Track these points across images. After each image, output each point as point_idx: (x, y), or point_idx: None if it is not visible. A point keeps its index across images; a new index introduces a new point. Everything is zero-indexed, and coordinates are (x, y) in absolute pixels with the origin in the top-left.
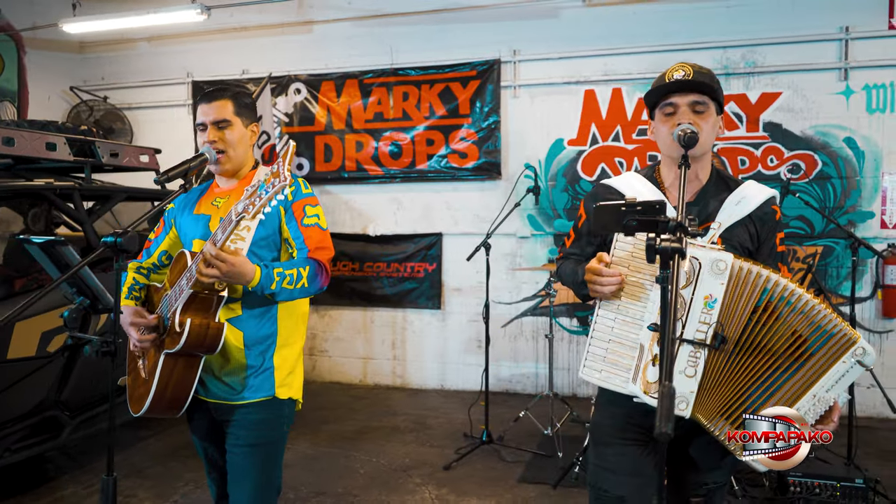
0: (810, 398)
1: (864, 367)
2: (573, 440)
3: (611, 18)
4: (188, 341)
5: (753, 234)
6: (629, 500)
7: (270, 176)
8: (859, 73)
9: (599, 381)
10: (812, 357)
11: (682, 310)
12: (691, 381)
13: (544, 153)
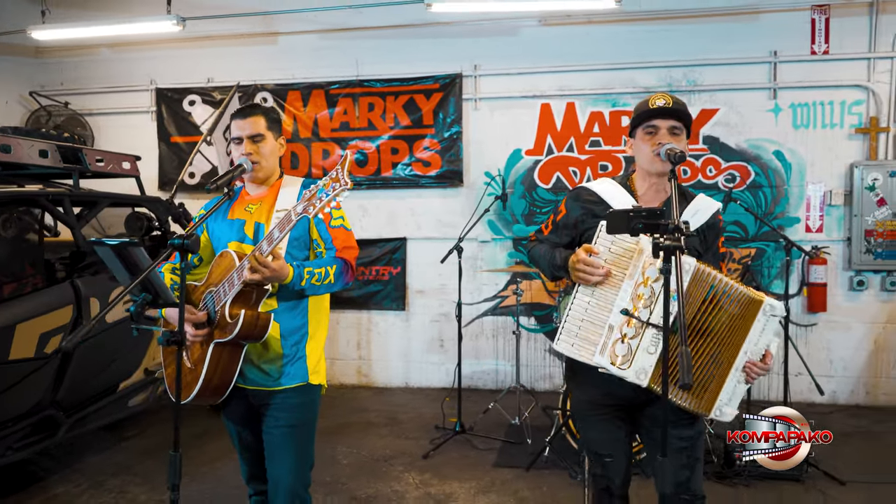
0: (743, 355)
1: (777, 317)
2: (540, 428)
3: (565, 38)
4: (241, 331)
5: (702, 239)
6: (614, 456)
7: (330, 180)
8: (786, 93)
9: (570, 352)
10: (738, 325)
11: (651, 300)
12: (652, 357)
13: (503, 162)
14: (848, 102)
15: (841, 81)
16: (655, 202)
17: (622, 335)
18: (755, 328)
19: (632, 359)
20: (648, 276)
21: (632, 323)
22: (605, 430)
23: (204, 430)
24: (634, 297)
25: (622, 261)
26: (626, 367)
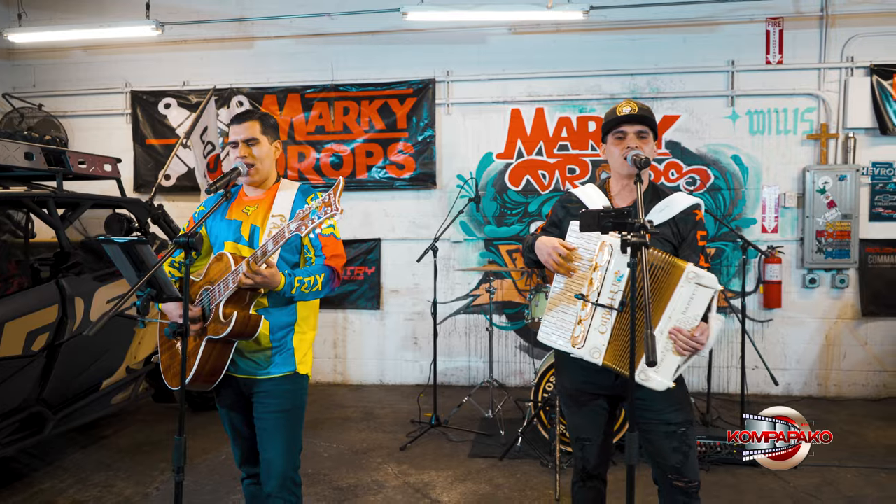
0: (666, 319)
1: (706, 287)
2: (512, 421)
3: (534, 46)
4: (234, 330)
5: (675, 232)
6: (592, 438)
7: (323, 204)
8: (743, 101)
9: (546, 340)
10: (662, 289)
11: (598, 282)
12: (604, 336)
13: (475, 165)
14: (800, 110)
15: (794, 90)
16: (629, 201)
17: (580, 319)
18: (679, 293)
19: (585, 339)
20: (600, 264)
21: (586, 306)
22: (586, 416)
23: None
24: (588, 284)
25: (587, 255)
26: (581, 347)
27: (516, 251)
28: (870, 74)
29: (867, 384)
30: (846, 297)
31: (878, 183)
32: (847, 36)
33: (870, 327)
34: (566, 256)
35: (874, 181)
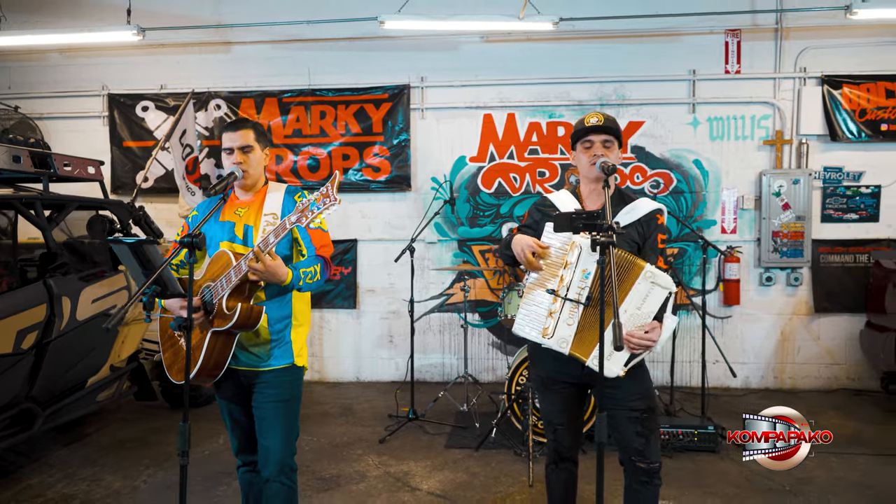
0: (622, 312)
1: (662, 287)
2: (486, 414)
3: (505, 53)
4: (238, 321)
5: (640, 233)
6: (566, 425)
7: (321, 196)
8: (704, 108)
9: (520, 332)
10: (623, 285)
11: (568, 278)
12: (571, 328)
13: (449, 168)
14: (757, 117)
15: (751, 98)
16: (598, 204)
17: (550, 312)
18: (636, 289)
19: (554, 331)
20: (570, 262)
21: (556, 300)
22: (558, 403)
23: (162, 426)
24: (559, 280)
25: (559, 253)
26: (550, 338)
27: (489, 251)
28: (821, 84)
29: (820, 376)
30: (800, 295)
31: (828, 186)
32: (800, 48)
33: (822, 323)
34: (539, 254)
35: (825, 185)
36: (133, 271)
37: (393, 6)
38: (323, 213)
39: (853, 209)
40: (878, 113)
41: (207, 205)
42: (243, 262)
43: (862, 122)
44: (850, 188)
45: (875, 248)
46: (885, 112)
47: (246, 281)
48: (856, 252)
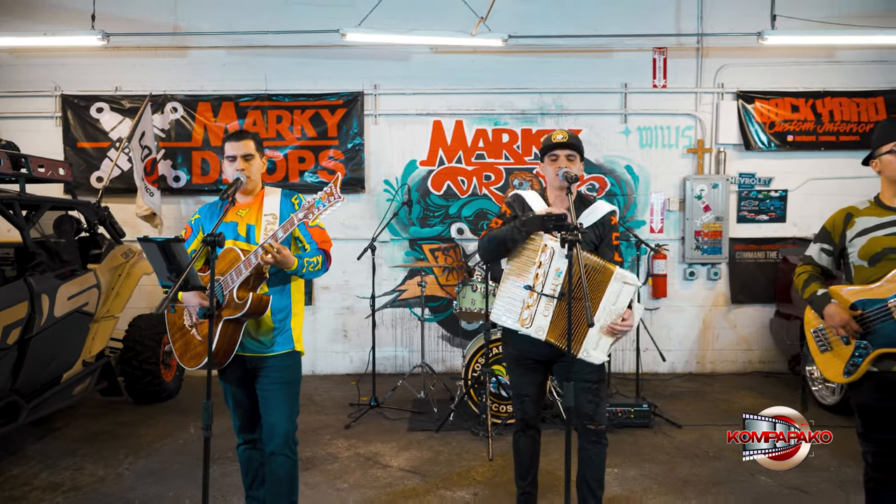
0: (602, 310)
1: (630, 285)
2: (441, 401)
3: (453, 64)
4: (250, 308)
5: (598, 233)
6: (532, 396)
7: (325, 195)
8: (635, 118)
9: (498, 320)
10: (598, 288)
11: (542, 276)
12: (546, 319)
13: (400, 171)
14: (681, 128)
15: (676, 110)
16: (562, 208)
17: (526, 305)
18: (611, 289)
19: (532, 321)
20: (543, 262)
21: (533, 295)
22: (526, 376)
23: (130, 420)
24: (534, 277)
25: (531, 250)
26: (528, 327)
27: (438, 250)
28: (736, 99)
29: (736, 361)
30: (719, 288)
31: (743, 190)
32: (718, 65)
33: (738, 313)
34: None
35: (740, 189)
36: (158, 267)
37: (346, 16)
38: (328, 209)
39: (764, 211)
40: (785, 125)
41: (209, 208)
42: (253, 256)
43: (771, 133)
44: (762, 192)
45: (783, 246)
46: (791, 125)
47: (257, 273)
48: (766, 249)
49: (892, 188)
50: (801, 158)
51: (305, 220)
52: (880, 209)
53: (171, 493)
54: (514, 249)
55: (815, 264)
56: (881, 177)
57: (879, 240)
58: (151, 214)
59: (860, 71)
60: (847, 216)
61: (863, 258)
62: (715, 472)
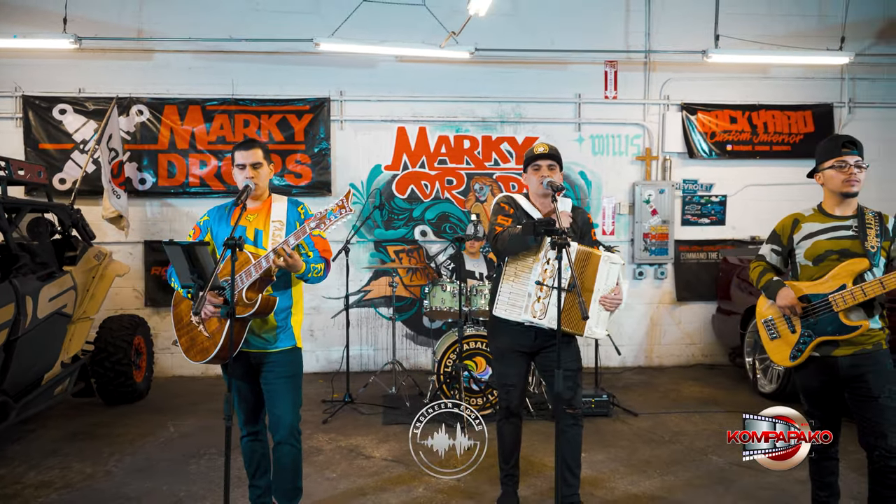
0: (597, 289)
1: (615, 263)
2: (411, 396)
3: (417, 73)
4: (259, 308)
5: (577, 231)
6: (516, 384)
7: (337, 207)
8: (588, 127)
9: (504, 314)
10: (591, 272)
11: (552, 271)
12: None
13: (366, 175)
14: (630, 136)
15: (625, 120)
16: (545, 212)
17: (538, 298)
18: (601, 271)
19: (545, 312)
20: (549, 257)
21: (543, 289)
22: (511, 367)
23: (104, 420)
24: (542, 272)
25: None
26: (542, 319)
27: (402, 251)
28: (681, 110)
29: (681, 355)
30: (665, 287)
31: (687, 195)
32: (664, 79)
33: (682, 310)
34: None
35: (684, 194)
36: (180, 268)
37: (312, 24)
38: (338, 221)
39: (706, 215)
40: (725, 135)
41: (218, 210)
42: (263, 260)
43: (712, 142)
44: (704, 197)
45: (722, 247)
46: (730, 135)
47: (266, 275)
48: (708, 250)
49: (833, 198)
50: (738, 166)
51: (318, 229)
52: (823, 216)
53: (165, 488)
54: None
55: (767, 262)
56: (824, 188)
57: (822, 243)
58: (118, 216)
59: (791, 87)
60: (794, 221)
61: (808, 258)
62: (672, 454)
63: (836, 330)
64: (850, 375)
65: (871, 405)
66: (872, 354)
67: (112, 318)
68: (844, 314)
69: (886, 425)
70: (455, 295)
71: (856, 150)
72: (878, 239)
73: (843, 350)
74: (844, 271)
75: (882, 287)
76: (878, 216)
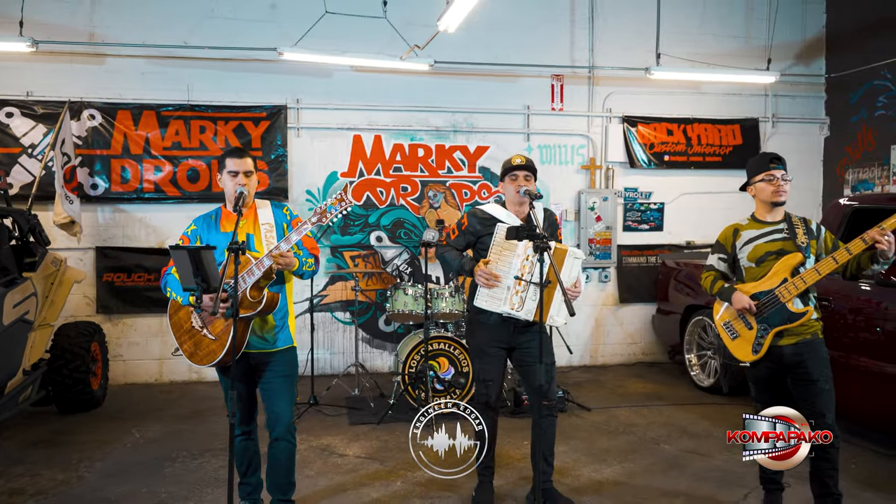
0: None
1: (578, 258)
2: (374, 397)
3: (372, 82)
4: (265, 306)
5: (546, 230)
6: (495, 379)
7: (336, 200)
8: (536, 137)
9: (487, 306)
10: (559, 263)
11: (529, 268)
12: (533, 302)
13: (322, 182)
14: (576, 146)
15: (571, 131)
16: (521, 218)
17: (516, 291)
18: (567, 264)
19: (523, 305)
20: (529, 255)
21: (521, 283)
22: (491, 363)
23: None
24: (521, 269)
25: (512, 247)
26: (520, 311)
27: (358, 256)
28: (622, 123)
29: (623, 354)
30: (608, 289)
31: (628, 203)
32: (607, 92)
33: (625, 311)
34: (492, 276)
35: (626, 201)
36: (184, 272)
37: (268, 32)
38: (340, 213)
39: (645, 221)
40: (662, 147)
41: (204, 219)
42: (266, 259)
43: (651, 153)
44: (643, 205)
45: (661, 252)
46: (667, 146)
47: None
48: (648, 254)
49: (764, 207)
50: (675, 175)
51: (320, 223)
52: (758, 223)
53: (145, 490)
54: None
55: (716, 270)
56: (756, 199)
57: (761, 246)
58: (70, 222)
59: (721, 102)
60: (735, 231)
61: (750, 261)
62: (628, 444)
63: (787, 319)
64: (793, 362)
65: (810, 388)
66: (811, 343)
67: (68, 325)
68: (791, 303)
69: (823, 406)
70: (417, 298)
71: (781, 165)
72: (806, 237)
73: (788, 339)
74: (783, 266)
75: (818, 273)
76: (803, 220)
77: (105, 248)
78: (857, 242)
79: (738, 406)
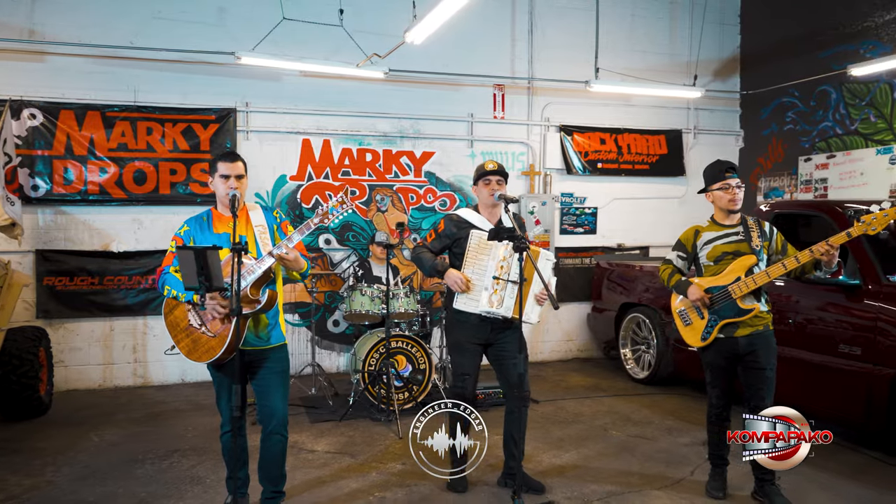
0: (535, 281)
1: (550, 260)
2: (332, 396)
3: (321, 88)
4: (266, 303)
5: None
6: (471, 373)
7: (337, 203)
8: (479, 144)
9: (465, 307)
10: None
11: (507, 268)
12: (512, 300)
13: (271, 185)
14: (517, 153)
15: (512, 139)
16: (493, 221)
17: (494, 290)
18: (540, 265)
19: (502, 303)
20: (505, 256)
21: (499, 282)
22: (468, 358)
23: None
24: (498, 269)
25: (487, 251)
26: (499, 308)
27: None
28: (559, 132)
29: (561, 350)
30: None
31: (564, 207)
32: (545, 103)
33: (563, 310)
34: (464, 280)
35: (562, 206)
36: (187, 272)
37: (214, 35)
38: (341, 216)
39: (580, 224)
40: (596, 155)
41: (196, 220)
42: (267, 258)
43: (586, 161)
44: (578, 209)
45: (595, 253)
46: (600, 154)
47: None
48: (583, 256)
49: (721, 213)
50: (607, 182)
51: (321, 224)
52: (717, 226)
53: (121, 491)
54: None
55: (673, 265)
56: (714, 204)
57: (720, 247)
58: (11, 224)
59: (649, 114)
60: (696, 232)
61: (710, 259)
62: (579, 432)
63: (736, 313)
64: (746, 351)
65: (758, 375)
66: (763, 334)
67: (14, 329)
68: (741, 300)
69: (767, 391)
70: (373, 298)
71: (735, 174)
72: (759, 239)
73: (742, 331)
74: (738, 266)
75: (768, 276)
76: (757, 221)
77: (46, 251)
78: (806, 254)
79: (671, 396)
